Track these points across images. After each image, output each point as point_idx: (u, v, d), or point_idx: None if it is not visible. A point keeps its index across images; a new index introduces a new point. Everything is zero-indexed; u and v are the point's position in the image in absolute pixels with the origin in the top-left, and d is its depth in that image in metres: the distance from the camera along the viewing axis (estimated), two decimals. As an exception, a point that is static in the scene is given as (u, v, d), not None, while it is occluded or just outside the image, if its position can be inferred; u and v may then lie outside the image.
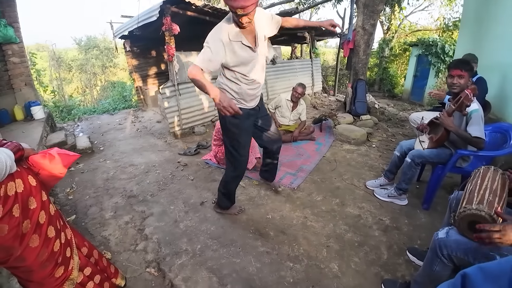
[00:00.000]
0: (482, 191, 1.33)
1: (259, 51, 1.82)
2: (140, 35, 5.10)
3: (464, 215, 1.29)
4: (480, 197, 1.29)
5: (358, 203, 2.53)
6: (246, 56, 1.75)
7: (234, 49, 1.70)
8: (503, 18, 3.67)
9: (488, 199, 1.27)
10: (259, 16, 1.77)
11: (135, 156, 3.68)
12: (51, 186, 1.20)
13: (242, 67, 1.80)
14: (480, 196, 1.29)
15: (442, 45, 8.86)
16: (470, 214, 1.26)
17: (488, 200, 1.26)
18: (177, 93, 4.25)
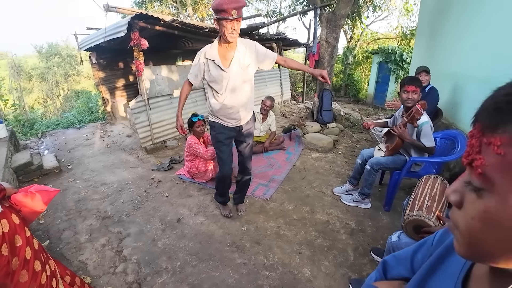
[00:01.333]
0: (422, 198, 1.56)
1: (232, 73, 1.99)
2: (106, 47, 5.03)
3: (408, 221, 1.51)
4: (420, 203, 1.52)
5: (326, 209, 2.73)
6: (217, 75, 2.00)
7: (209, 67, 2.02)
8: (453, 33, 4.11)
9: (427, 204, 1.50)
10: (248, 46, 2.03)
11: (106, 174, 3.63)
12: (31, 221, 1.24)
13: (215, 84, 2.05)
14: (420, 203, 1.52)
15: (400, 53, 9.59)
16: (412, 219, 1.48)
17: (427, 205, 1.49)
18: (147, 107, 4.25)
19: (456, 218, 0.37)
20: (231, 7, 1.71)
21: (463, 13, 3.78)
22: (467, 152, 0.34)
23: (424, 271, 0.54)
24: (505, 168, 0.29)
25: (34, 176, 3.54)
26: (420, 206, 1.51)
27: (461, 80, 3.71)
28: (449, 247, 0.51)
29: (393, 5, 12.09)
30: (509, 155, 0.29)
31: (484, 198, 0.32)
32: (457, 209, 0.36)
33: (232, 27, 1.80)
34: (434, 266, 0.52)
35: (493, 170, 0.30)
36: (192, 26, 4.44)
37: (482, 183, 0.32)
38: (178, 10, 13.37)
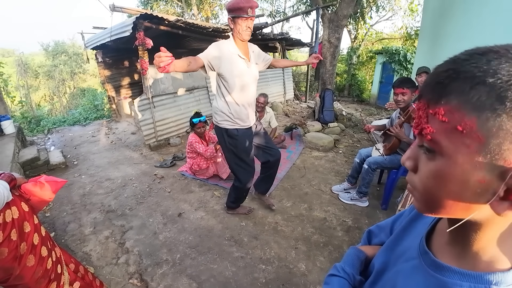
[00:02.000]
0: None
1: (252, 68, 2.07)
2: (112, 46, 5.14)
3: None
4: (411, 200, 1.57)
5: (324, 207, 2.79)
6: (242, 68, 1.98)
7: (232, 60, 1.93)
8: (454, 35, 4.15)
9: None
10: (254, 48, 2.13)
11: (111, 170, 3.73)
12: (39, 210, 1.32)
13: (237, 79, 1.98)
14: (411, 200, 1.57)
15: (404, 53, 9.57)
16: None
17: None
18: (151, 105, 4.34)
19: (413, 180, 0.41)
20: (247, 6, 1.80)
21: (463, 16, 3.80)
22: (416, 123, 0.39)
23: (397, 233, 0.61)
24: (449, 132, 0.34)
25: (41, 171, 3.65)
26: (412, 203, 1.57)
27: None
28: (418, 212, 0.57)
29: (397, 5, 12.03)
30: (452, 121, 0.33)
31: (436, 160, 0.37)
32: (413, 173, 0.41)
33: (247, 25, 1.88)
34: (406, 228, 0.59)
35: (440, 135, 0.35)
36: (196, 26, 4.51)
37: (432, 146, 0.37)
38: (183, 9, 13.48)
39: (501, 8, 2.87)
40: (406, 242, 0.56)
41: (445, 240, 0.46)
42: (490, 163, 0.32)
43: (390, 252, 0.60)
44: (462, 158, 0.34)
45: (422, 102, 0.38)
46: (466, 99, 0.32)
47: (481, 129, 0.32)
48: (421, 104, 0.38)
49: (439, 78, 0.36)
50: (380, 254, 0.64)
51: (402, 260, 0.53)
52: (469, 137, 0.33)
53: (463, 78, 0.33)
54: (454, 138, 0.34)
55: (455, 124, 0.33)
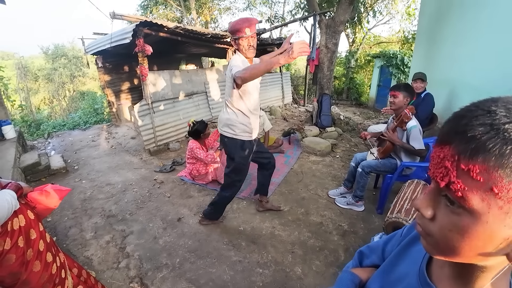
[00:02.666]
0: (402, 202, 1.68)
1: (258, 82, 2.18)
2: (112, 51, 5.20)
3: (388, 223, 1.63)
4: (400, 206, 1.63)
5: (320, 211, 2.84)
6: (253, 83, 2.07)
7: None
8: (450, 40, 4.23)
9: (406, 208, 1.61)
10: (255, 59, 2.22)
11: (111, 174, 3.78)
12: (44, 217, 1.37)
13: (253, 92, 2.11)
14: (399, 206, 1.64)
15: (401, 57, 9.67)
16: (391, 221, 1.60)
17: (405, 208, 1.61)
18: (151, 111, 4.40)
19: (429, 228, 0.39)
20: (245, 25, 1.89)
21: (460, 21, 3.87)
22: (442, 173, 0.36)
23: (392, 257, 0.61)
24: (483, 192, 0.32)
25: (42, 176, 3.70)
26: (399, 209, 1.62)
27: (457, 87, 3.81)
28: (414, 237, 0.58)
29: (395, 9, 12.15)
30: (487, 181, 0.32)
31: (462, 215, 0.35)
32: (428, 219, 0.39)
33: (248, 43, 1.97)
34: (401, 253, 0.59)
35: (472, 193, 0.33)
36: (194, 33, 4.59)
37: (461, 203, 0.34)
38: (183, 14, 13.59)
39: (497, 13, 2.93)
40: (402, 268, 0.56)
41: (446, 273, 0.45)
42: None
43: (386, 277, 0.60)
44: (493, 218, 0.33)
45: (449, 151, 0.36)
46: (506, 163, 0.31)
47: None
48: (447, 153, 0.36)
49: (475, 132, 0.33)
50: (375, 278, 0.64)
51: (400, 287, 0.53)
52: (504, 199, 0.32)
53: (503, 139, 0.31)
54: (487, 199, 0.33)
55: (490, 185, 0.32)
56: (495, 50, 2.94)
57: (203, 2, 12.82)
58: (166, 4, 13.68)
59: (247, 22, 1.89)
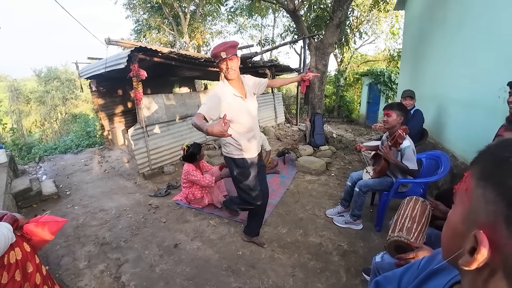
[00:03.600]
0: (403, 220, 1.68)
1: (248, 102, 2.22)
2: (106, 75, 5.24)
3: (389, 242, 1.62)
4: (401, 225, 1.63)
5: (319, 231, 2.82)
6: (239, 104, 2.15)
7: (229, 101, 2.09)
8: (434, 57, 4.40)
9: (407, 226, 1.61)
10: (248, 80, 2.28)
11: (104, 200, 3.71)
12: (39, 248, 1.34)
13: (238, 116, 2.15)
14: (400, 224, 1.63)
15: (389, 74, 10.01)
16: (393, 240, 1.59)
17: (407, 227, 1.60)
18: (145, 134, 4.40)
19: None
20: (219, 51, 1.99)
21: (442, 39, 4.06)
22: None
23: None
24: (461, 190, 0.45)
25: (33, 202, 3.61)
26: (400, 227, 1.61)
27: (444, 102, 3.93)
28: (432, 272, 0.59)
29: (379, 29, 12.69)
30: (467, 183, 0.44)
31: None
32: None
33: (226, 66, 2.05)
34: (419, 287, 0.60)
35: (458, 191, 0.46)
36: (188, 57, 4.69)
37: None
38: (175, 38, 13.90)
39: (480, 30, 3.05)
40: None
41: None
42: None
43: None
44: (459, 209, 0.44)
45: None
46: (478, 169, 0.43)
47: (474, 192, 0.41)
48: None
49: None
50: None
51: None
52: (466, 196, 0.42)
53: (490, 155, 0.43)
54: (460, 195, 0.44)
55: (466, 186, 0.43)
56: (478, 66, 3.06)
57: (195, 27, 13.16)
58: (159, 28, 14.00)
59: (222, 46, 2.01)
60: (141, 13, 13.66)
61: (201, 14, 13.55)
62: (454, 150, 3.46)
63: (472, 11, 3.22)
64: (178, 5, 12.20)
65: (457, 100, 3.53)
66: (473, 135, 3.08)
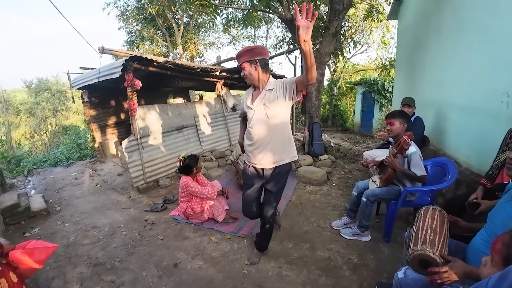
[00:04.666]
0: (424, 231, 1.57)
1: (255, 109, 2.14)
2: (98, 85, 5.09)
3: (413, 256, 1.50)
4: (423, 237, 1.52)
5: (326, 245, 2.68)
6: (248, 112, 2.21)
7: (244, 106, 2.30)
8: (432, 65, 4.39)
9: (429, 238, 1.50)
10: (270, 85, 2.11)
11: (97, 216, 3.50)
12: (28, 277, 1.17)
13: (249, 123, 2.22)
14: (423, 237, 1.53)
15: (382, 83, 10.09)
16: (417, 254, 1.48)
17: (429, 239, 1.50)
18: (139, 146, 4.23)
19: None
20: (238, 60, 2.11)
21: (439, 47, 4.07)
22: None
23: None
24: None
25: (21, 219, 3.40)
26: (423, 240, 1.51)
27: (443, 108, 3.90)
28: None
29: (371, 39, 12.89)
30: None
31: None
32: None
33: (242, 73, 2.13)
34: None
35: None
36: (184, 67, 4.59)
37: None
38: (168, 49, 13.86)
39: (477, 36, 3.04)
40: None
41: None
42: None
43: None
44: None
45: None
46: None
47: None
48: None
49: None
50: None
51: None
52: None
53: None
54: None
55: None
56: (477, 72, 3.04)
57: (189, 38, 13.16)
58: (152, 39, 13.95)
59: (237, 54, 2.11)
60: (134, 24, 13.63)
61: (195, 25, 13.58)
62: (456, 156, 3.40)
63: (469, 18, 3.24)
64: (171, 16, 12.21)
65: (457, 106, 3.50)
66: (476, 140, 3.04)
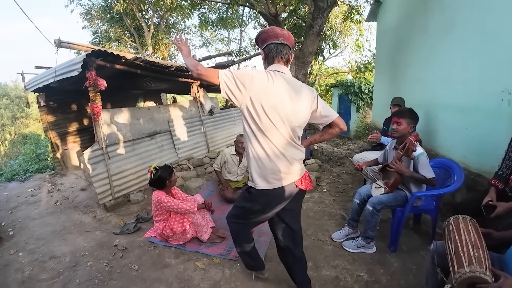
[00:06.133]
0: (465, 248, 1.33)
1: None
2: (57, 88, 4.45)
3: (461, 280, 1.26)
4: (467, 255, 1.29)
5: (331, 261, 2.38)
6: None
7: None
8: (416, 65, 4.33)
9: (474, 256, 1.28)
10: None
11: (56, 242, 2.89)
12: None
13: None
14: (466, 255, 1.29)
15: (358, 85, 10.17)
16: (466, 278, 1.24)
17: (475, 257, 1.27)
18: (105, 156, 3.67)
19: None
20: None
21: (425, 46, 4.00)
22: None
23: None
24: None
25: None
26: (468, 259, 1.28)
27: (432, 109, 3.83)
28: None
29: (345, 42, 13.08)
30: None
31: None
32: None
33: None
34: None
35: None
36: (157, 65, 4.10)
37: None
38: (138, 50, 13.09)
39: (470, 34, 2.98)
40: None
41: None
42: None
43: None
44: None
45: None
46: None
47: None
48: None
49: None
50: None
51: None
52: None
53: None
54: None
55: None
56: (471, 70, 2.97)
57: (160, 38, 12.51)
58: (119, 40, 13.10)
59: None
60: (99, 24, 12.71)
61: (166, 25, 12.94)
62: (451, 156, 3.29)
63: (459, 16, 3.18)
64: (140, 15, 11.51)
65: (449, 105, 3.42)
66: (473, 140, 2.95)
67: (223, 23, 8.33)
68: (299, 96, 1.56)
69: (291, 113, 1.53)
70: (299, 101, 1.55)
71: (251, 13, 12.35)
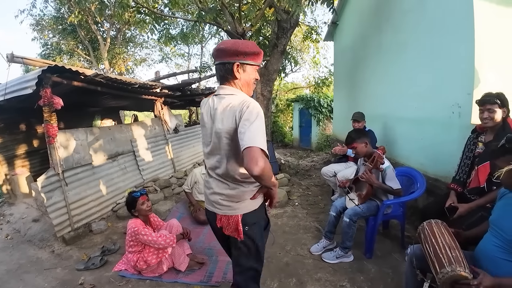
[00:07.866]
0: (443, 250, 1.45)
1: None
2: (4, 106, 3.98)
3: (444, 279, 1.37)
4: (446, 256, 1.40)
5: (313, 275, 2.40)
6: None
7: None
8: (373, 81, 4.69)
9: (452, 256, 1.39)
10: None
11: (13, 283, 2.49)
12: None
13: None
14: (445, 256, 1.40)
15: (318, 99, 10.73)
16: (448, 277, 1.35)
17: (453, 257, 1.38)
18: (62, 183, 3.31)
19: None
20: None
21: (380, 63, 4.38)
22: None
23: None
24: None
25: None
26: (448, 260, 1.39)
27: (389, 121, 4.16)
28: None
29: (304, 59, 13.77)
30: None
31: None
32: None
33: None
34: None
35: None
36: (119, 82, 3.88)
37: None
38: (92, 64, 12.31)
39: (420, 53, 3.30)
40: None
41: None
42: None
43: None
44: None
45: None
46: None
47: None
48: None
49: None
50: None
51: None
52: None
53: None
54: None
55: None
56: (423, 86, 3.29)
57: (117, 53, 11.94)
58: (72, 53, 12.23)
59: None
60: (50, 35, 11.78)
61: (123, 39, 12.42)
62: (409, 164, 3.59)
63: (410, 37, 3.53)
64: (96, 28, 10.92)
65: (406, 118, 3.74)
66: (429, 148, 3.24)
67: (185, 39, 8.27)
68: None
69: None
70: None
71: (211, 29, 12.47)
